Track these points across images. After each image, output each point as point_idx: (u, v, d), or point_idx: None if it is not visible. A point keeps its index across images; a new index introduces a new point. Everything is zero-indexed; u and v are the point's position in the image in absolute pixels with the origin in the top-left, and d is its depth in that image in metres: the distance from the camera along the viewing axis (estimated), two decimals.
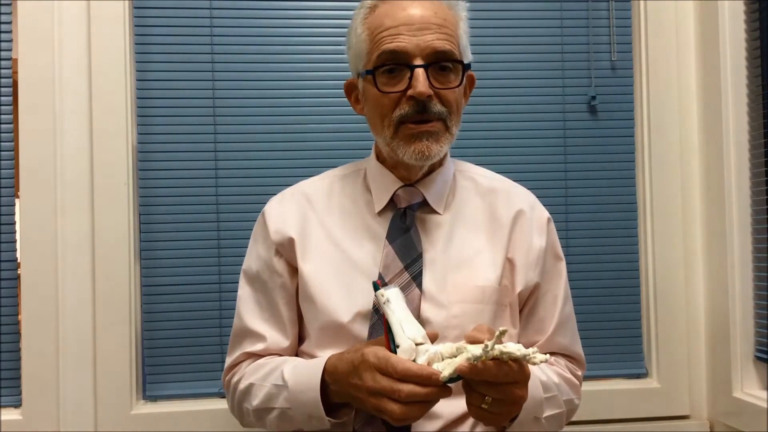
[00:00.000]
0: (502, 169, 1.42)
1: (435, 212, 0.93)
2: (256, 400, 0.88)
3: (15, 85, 1.31)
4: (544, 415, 0.86)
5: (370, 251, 0.91)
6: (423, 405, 0.71)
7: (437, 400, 0.71)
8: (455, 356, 0.70)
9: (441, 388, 0.69)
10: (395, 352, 0.71)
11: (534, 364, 0.67)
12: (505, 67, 1.45)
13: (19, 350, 1.31)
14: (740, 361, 1.33)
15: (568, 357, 0.98)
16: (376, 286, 0.75)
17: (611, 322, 1.45)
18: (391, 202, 0.93)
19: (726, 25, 1.34)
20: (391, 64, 0.84)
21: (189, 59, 1.38)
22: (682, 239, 1.44)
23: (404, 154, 0.86)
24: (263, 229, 0.96)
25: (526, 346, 0.68)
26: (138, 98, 1.37)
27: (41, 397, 1.29)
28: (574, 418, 1.38)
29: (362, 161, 1.01)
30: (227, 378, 0.97)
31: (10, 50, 1.32)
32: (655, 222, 1.44)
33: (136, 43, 1.37)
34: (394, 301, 0.74)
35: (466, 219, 0.94)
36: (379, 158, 0.96)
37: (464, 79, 0.89)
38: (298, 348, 0.96)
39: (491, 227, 0.94)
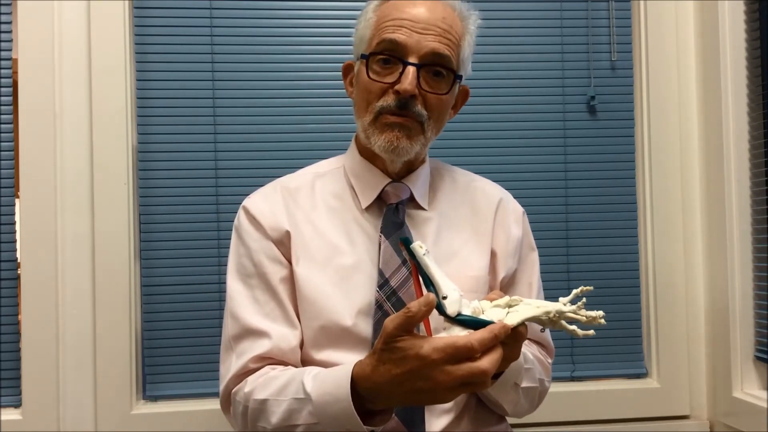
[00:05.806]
0: (503, 168, 1.44)
1: (421, 208, 0.95)
2: (274, 418, 0.78)
3: (15, 85, 1.31)
4: (523, 385, 0.88)
5: (363, 247, 0.91)
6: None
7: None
8: (502, 308, 0.71)
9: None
10: (438, 304, 0.68)
11: (600, 325, 0.71)
12: (505, 67, 1.45)
13: (19, 350, 1.31)
14: (740, 361, 1.33)
15: (540, 345, 1.00)
16: (408, 240, 0.71)
17: (611, 322, 1.43)
18: (377, 198, 0.94)
19: (726, 25, 1.34)
20: (388, 54, 0.86)
21: (189, 59, 1.38)
22: (682, 239, 1.44)
23: (376, 143, 0.88)
24: (254, 224, 0.92)
25: None
26: (138, 98, 1.37)
27: (41, 397, 1.29)
28: (574, 418, 1.40)
29: (336, 159, 1.01)
30: (234, 390, 0.86)
31: (10, 50, 1.32)
32: (655, 222, 1.44)
33: (136, 43, 1.37)
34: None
35: (449, 214, 0.96)
36: (362, 154, 0.96)
37: (453, 88, 0.90)
38: None
39: (474, 221, 0.97)
